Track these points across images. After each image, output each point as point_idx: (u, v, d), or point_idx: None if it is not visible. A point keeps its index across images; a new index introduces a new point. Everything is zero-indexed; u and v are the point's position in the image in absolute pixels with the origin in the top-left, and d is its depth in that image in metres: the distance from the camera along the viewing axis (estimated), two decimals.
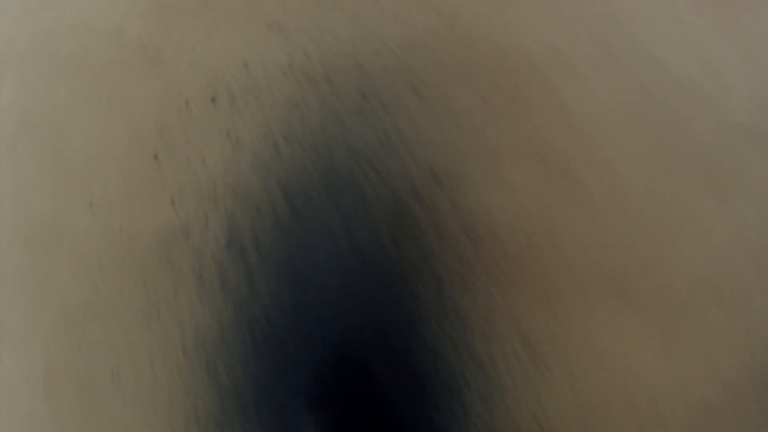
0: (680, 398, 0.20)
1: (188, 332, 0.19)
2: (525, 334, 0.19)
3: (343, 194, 0.19)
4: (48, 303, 0.21)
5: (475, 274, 0.19)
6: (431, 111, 0.18)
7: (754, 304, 0.20)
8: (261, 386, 0.19)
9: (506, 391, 0.19)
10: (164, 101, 0.19)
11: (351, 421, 0.19)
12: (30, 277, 0.21)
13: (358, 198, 0.19)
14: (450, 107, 0.18)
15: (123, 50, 0.20)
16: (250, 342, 0.19)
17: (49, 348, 0.21)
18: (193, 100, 0.19)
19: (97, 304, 0.20)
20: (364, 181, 0.18)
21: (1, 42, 0.22)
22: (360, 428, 0.19)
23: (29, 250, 0.21)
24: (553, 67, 0.18)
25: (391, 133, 0.18)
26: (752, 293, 0.20)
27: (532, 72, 0.18)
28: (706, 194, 0.20)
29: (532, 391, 0.19)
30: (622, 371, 0.20)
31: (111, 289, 0.20)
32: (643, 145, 0.19)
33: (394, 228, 0.19)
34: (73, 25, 0.21)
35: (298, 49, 0.18)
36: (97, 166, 0.20)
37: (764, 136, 0.20)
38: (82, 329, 0.20)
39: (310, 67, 0.18)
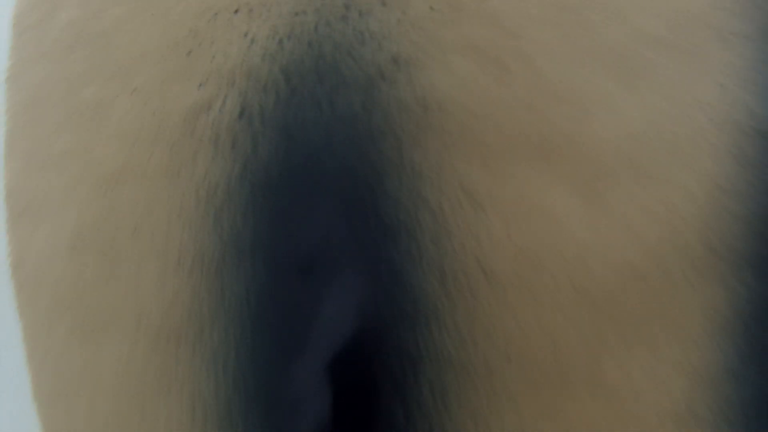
0: (606, 259, 0.24)
1: (201, 188, 0.25)
2: (466, 185, 0.23)
3: (328, 75, 0.24)
4: (86, 175, 0.26)
5: (426, 136, 0.24)
6: (394, 15, 0.24)
7: (669, 178, 0.24)
8: (257, 232, 0.24)
9: (452, 235, 0.23)
10: (197, 14, 0.26)
11: (328, 253, 0.23)
12: (73, 154, 0.27)
13: (339, 78, 0.24)
14: (407, 12, 0.24)
15: None
16: (250, 193, 0.24)
17: (80, 214, 0.26)
18: (220, 12, 0.25)
19: (129, 171, 0.26)
20: (343, 66, 0.24)
21: None
22: (333, 261, 0.23)
23: (77, 131, 0.27)
24: None
25: (365, 31, 0.24)
26: (666, 169, 0.24)
27: None
28: (617, 84, 0.24)
29: (474, 236, 0.23)
30: (550, 224, 0.24)
31: (142, 157, 0.26)
32: (559, 44, 0.24)
33: (365, 99, 0.24)
34: None
35: None
36: (141, 61, 0.26)
37: (669, 43, 0.25)
38: (113, 194, 0.26)
39: None
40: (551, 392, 0.24)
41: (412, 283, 0.23)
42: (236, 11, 0.25)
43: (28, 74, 0.29)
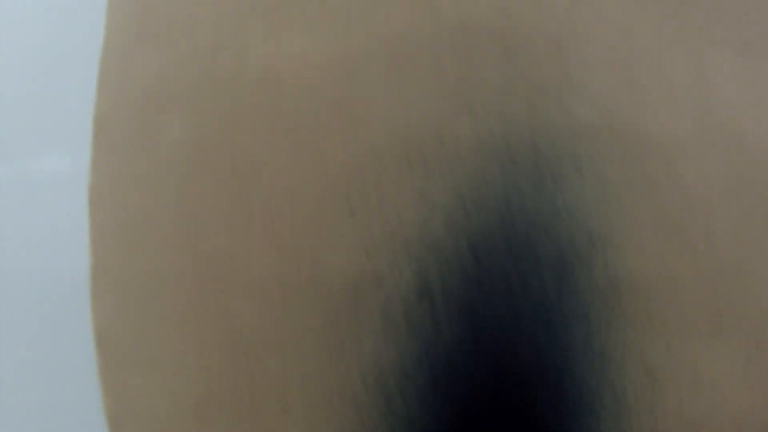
0: (759, 423, 0.25)
1: (370, 366, 0.22)
2: (648, 365, 0.23)
3: (519, 252, 0.22)
4: (216, 331, 0.23)
5: (616, 320, 0.23)
6: (591, 188, 0.23)
7: None
8: (436, 418, 0.22)
9: (631, 412, 0.23)
10: (361, 162, 0.22)
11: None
12: (196, 308, 0.23)
13: (531, 255, 0.22)
14: (605, 187, 0.23)
15: (316, 108, 0.22)
16: (430, 377, 0.22)
17: (209, 374, 0.23)
18: (389, 164, 0.22)
19: (276, 338, 0.22)
20: (537, 242, 0.22)
21: (167, 77, 0.24)
22: None
23: (199, 279, 0.23)
24: (675, 151, 0.23)
25: (560, 204, 0.22)
26: None
27: (659, 156, 0.23)
28: None
29: (649, 411, 0.23)
30: (716, 395, 0.24)
31: (293, 325, 0.22)
32: (741, 219, 0.24)
33: (558, 279, 0.22)
34: (258, 78, 0.23)
35: (485, 129, 0.22)
36: (288, 210, 0.22)
37: None
38: (255, 359, 0.22)
39: (496, 145, 0.22)
40: None
41: None
42: (409, 164, 0.22)
43: (121, 200, 0.23)
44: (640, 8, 0.23)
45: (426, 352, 0.22)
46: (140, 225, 0.23)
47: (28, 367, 0.28)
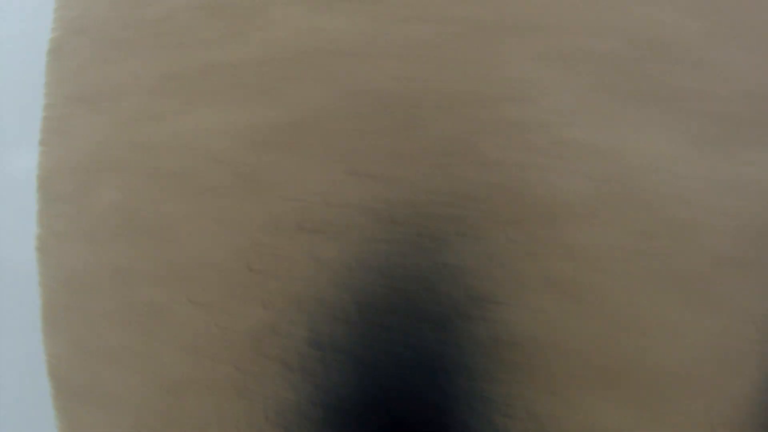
0: None
1: (271, 404, 0.25)
2: (534, 412, 0.24)
3: (400, 306, 0.24)
4: (147, 374, 0.26)
5: (498, 368, 0.24)
6: (471, 248, 0.24)
7: (722, 388, 0.26)
8: None
9: None
10: (260, 225, 0.24)
11: None
12: (132, 352, 0.26)
13: (411, 309, 0.24)
14: (487, 246, 0.24)
15: (224, 177, 0.25)
16: (322, 412, 0.24)
17: (141, 413, 0.26)
18: (283, 227, 0.24)
19: (194, 379, 0.25)
20: (417, 298, 0.24)
21: (96, 146, 0.27)
22: None
23: (133, 330, 0.26)
24: (566, 215, 0.24)
25: (439, 262, 0.24)
26: (716, 380, 0.26)
27: (549, 219, 0.24)
28: (681, 308, 0.25)
29: None
30: None
31: (206, 367, 0.25)
32: (634, 272, 0.24)
33: (440, 335, 0.24)
34: (173, 146, 0.26)
35: (369, 193, 0.23)
36: (199, 270, 0.25)
37: (732, 260, 0.25)
38: (177, 398, 0.25)
39: (379, 209, 0.24)
40: None
41: None
42: (300, 227, 0.24)
43: (65, 251, 0.27)
44: (563, 69, 0.24)
45: (317, 392, 0.24)
46: (82, 275, 0.27)
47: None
